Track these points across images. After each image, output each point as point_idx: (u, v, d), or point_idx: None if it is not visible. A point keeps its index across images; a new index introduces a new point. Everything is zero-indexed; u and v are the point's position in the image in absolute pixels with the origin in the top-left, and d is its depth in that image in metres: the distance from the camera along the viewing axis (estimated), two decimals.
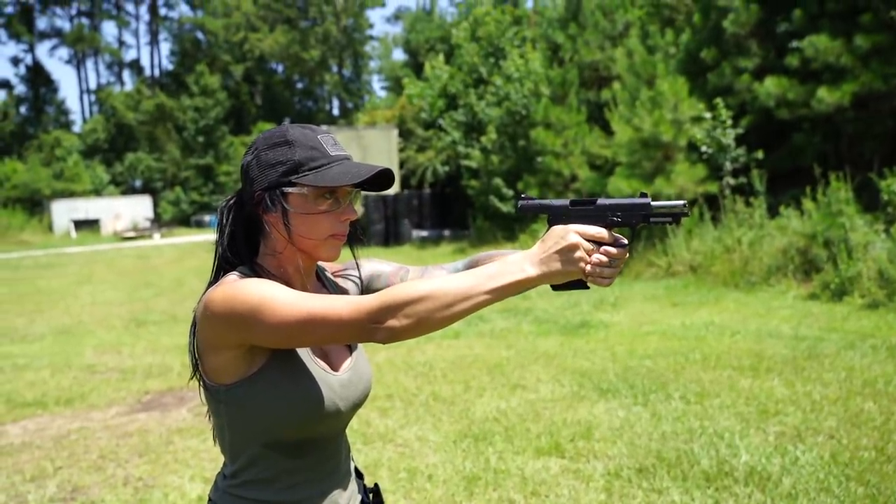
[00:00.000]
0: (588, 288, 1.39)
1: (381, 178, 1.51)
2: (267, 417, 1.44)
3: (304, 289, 1.56)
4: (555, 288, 1.38)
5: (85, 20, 59.85)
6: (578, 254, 1.29)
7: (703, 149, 13.88)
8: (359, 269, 1.76)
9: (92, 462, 5.18)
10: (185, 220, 47.72)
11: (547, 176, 19.22)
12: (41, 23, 58.29)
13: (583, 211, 1.36)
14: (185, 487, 4.63)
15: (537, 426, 5.37)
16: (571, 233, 1.30)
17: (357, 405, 1.59)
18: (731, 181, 13.64)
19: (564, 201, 1.39)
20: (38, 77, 56.93)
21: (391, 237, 24.83)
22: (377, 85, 65.89)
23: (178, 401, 6.72)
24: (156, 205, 46.92)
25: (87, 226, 40.25)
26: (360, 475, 1.75)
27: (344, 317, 1.31)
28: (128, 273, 20.46)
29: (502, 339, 8.70)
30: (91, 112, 58.83)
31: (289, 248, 1.50)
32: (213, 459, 5.10)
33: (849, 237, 10.13)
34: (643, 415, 5.51)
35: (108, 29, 61.59)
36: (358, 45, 62.84)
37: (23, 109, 55.53)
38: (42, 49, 79.86)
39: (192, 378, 1.53)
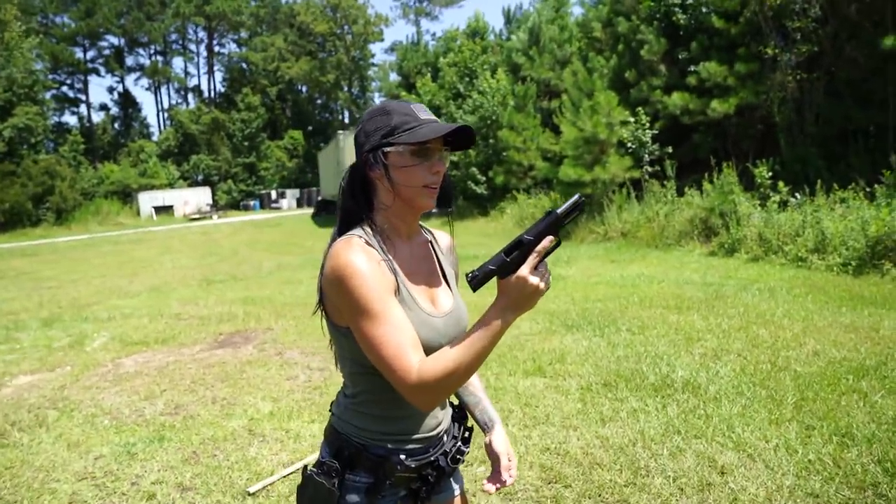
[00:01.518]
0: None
1: (466, 137, 1.39)
2: None
3: (408, 237, 1.46)
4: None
5: (160, 57, 59.33)
6: (541, 287, 1.20)
7: (629, 145, 13.79)
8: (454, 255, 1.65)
9: (187, 386, 5.04)
10: (235, 205, 47.30)
11: (511, 166, 19.18)
12: (129, 60, 58.10)
13: (518, 257, 1.21)
14: (258, 405, 4.50)
15: (523, 353, 5.29)
16: (529, 278, 1.19)
17: None
18: (650, 169, 13.58)
19: (500, 256, 1.22)
20: (126, 100, 56.46)
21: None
22: (378, 99, 65.22)
23: (244, 340, 6.57)
24: (213, 193, 46.39)
25: (164, 211, 39.73)
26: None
27: (397, 369, 1.23)
28: (196, 245, 20.13)
29: (486, 289, 8.58)
30: (165, 125, 58.06)
31: (395, 200, 1.38)
32: (276, 384, 4.97)
33: (737, 210, 10.10)
34: (601, 343, 5.44)
35: (177, 63, 60.68)
36: (363, 71, 62.03)
37: (116, 125, 55.17)
38: (129, 80, 78.72)
39: (314, 313, 1.43)
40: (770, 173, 10.53)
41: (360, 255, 1.27)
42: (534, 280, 1.18)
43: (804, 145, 12.51)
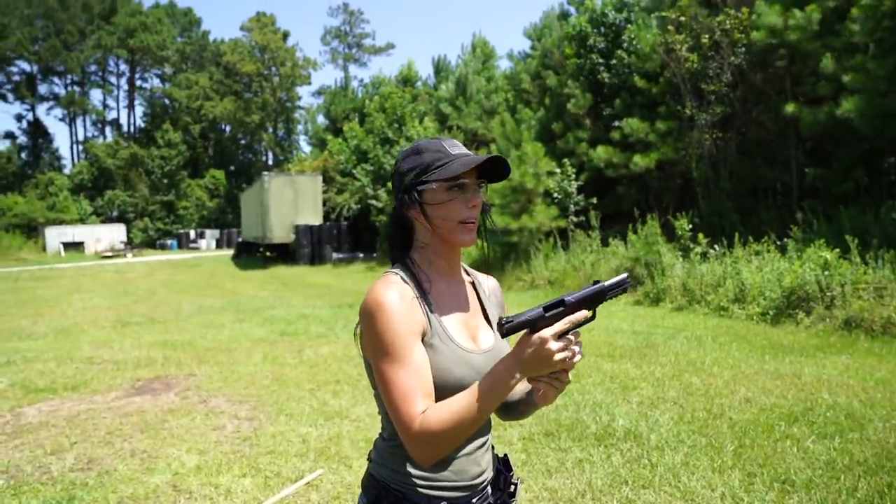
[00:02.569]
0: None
1: (499, 167, 1.40)
2: None
3: (449, 274, 1.44)
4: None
5: (77, 87, 56.88)
6: (557, 357, 1.16)
7: (555, 195, 14.14)
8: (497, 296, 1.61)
9: (101, 437, 4.62)
10: (151, 244, 45.58)
11: None
12: (42, 88, 55.35)
13: (556, 315, 1.18)
14: (183, 458, 4.17)
15: None
16: (548, 343, 1.15)
17: None
18: (575, 219, 13.93)
19: (538, 310, 1.18)
20: (37, 130, 53.58)
21: (316, 258, 24.09)
22: (304, 143, 64.85)
23: (165, 386, 6.15)
24: (128, 231, 44.48)
25: (73, 247, 37.60)
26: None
27: (402, 414, 1.22)
28: (109, 284, 19.02)
29: None
30: (79, 158, 55.46)
31: (434, 238, 1.39)
32: (201, 435, 4.64)
33: (661, 260, 10.44)
34: None
35: (96, 95, 58.29)
36: (289, 113, 61.71)
37: (23, 155, 52.19)
38: (41, 109, 74.93)
39: (359, 352, 1.38)
40: (690, 226, 10.98)
41: (392, 292, 1.28)
42: (552, 346, 1.16)
43: (720, 200, 13.18)
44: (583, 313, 1.18)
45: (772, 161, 12.99)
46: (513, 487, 1.50)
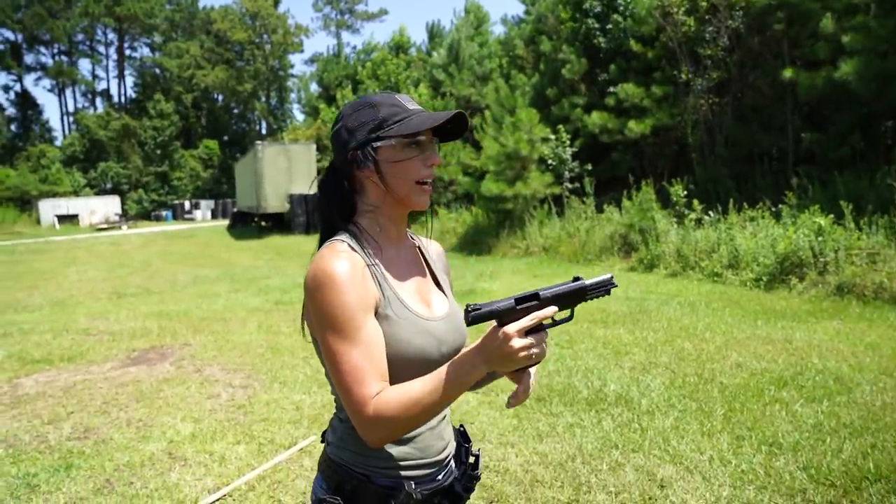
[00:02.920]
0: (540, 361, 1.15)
1: (458, 127, 1.30)
2: None
3: (398, 240, 1.35)
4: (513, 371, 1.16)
5: (65, 58, 55.95)
6: (522, 354, 1.07)
7: (550, 161, 14.06)
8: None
9: (98, 407, 4.65)
10: (146, 215, 45.33)
11: None
12: (28, 58, 54.39)
13: (528, 308, 1.10)
14: (178, 426, 4.21)
15: None
16: (513, 339, 1.06)
17: (458, 349, 1.31)
18: (570, 185, 13.88)
19: (510, 302, 1.11)
20: (25, 102, 52.77)
21: (310, 227, 24.00)
22: (297, 111, 64.26)
23: (160, 356, 6.18)
24: (123, 203, 44.28)
25: (68, 220, 37.45)
26: None
27: (354, 395, 1.13)
28: (104, 256, 18.98)
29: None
30: (70, 130, 54.87)
31: (385, 199, 1.28)
32: (196, 403, 4.68)
33: (656, 226, 10.44)
34: None
35: (84, 65, 57.41)
36: (282, 81, 60.95)
37: (13, 127, 51.50)
38: (29, 79, 73.64)
39: (302, 333, 1.28)
40: (685, 192, 10.96)
41: (342, 262, 1.16)
42: (516, 343, 1.06)
43: (715, 166, 13.14)
44: (551, 309, 1.10)
45: (768, 126, 12.92)
46: (473, 459, 1.44)
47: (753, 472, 3.19)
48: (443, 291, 1.40)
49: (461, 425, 1.50)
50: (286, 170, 24.05)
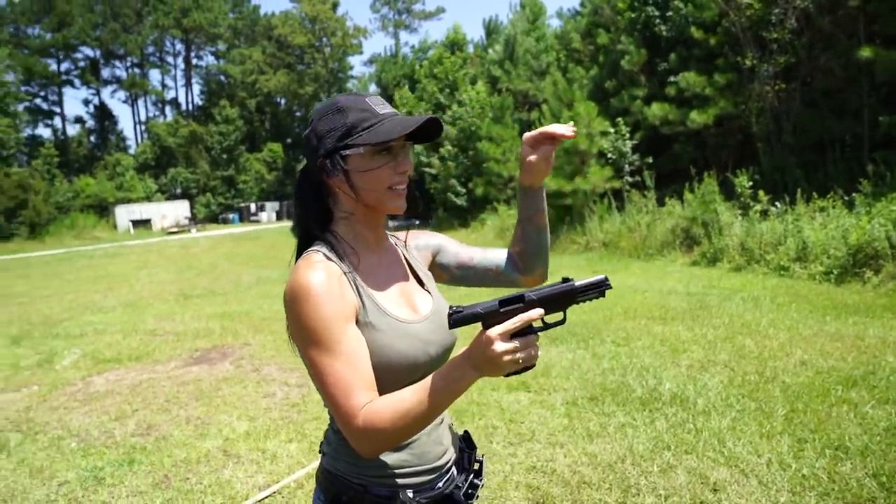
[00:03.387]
0: (534, 366, 1.09)
1: (431, 129, 1.25)
2: None
3: (377, 244, 1.32)
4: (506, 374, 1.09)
5: (137, 69, 58.71)
6: (506, 359, 1.02)
7: (609, 155, 13.80)
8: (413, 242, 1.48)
9: (160, 405, 4.86)
10: (214, 218, 46.99)
11: (491, 177, 19.12)
12: (105, 72, 57.33)
13: (513, 310, 1.05)
14: (234, 424, 4.34)
15: None
16: (495, 343, 1.02)
17: (448, 348, 1.28)
18: (630, 179, 13.60)
19: (493, 304, 1.06)
20: (103, 113, 55.66)
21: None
22: None
23: (221, 356, 6.39)
24: (192, 206, 46.03)
25: (141, 224, 39.26)
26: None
27: (342, 408, 1.10)
28: (174, 259, 19.79)
29: (474, 300, 8.45)
30: (142, 138, 57.47)
31: (358, 207, 1.25)
32: (252, 402, 4.82)
33: (719, 219, 10.10)
34: (586, 356, 5.35)
35: (154, 76, 60.15)
36: (342, 83, 61.97)
37: (92, 138, 54.40)
38: (106, 92, 77.59)
39: (291, 349, 1.25)
40: (750, 183, 10.56)
41: (317, 274, 1.14)
42: (499, 347, 1.02)
43: (782, 155, 12.60)
44: (537, 312, 1.05)
45: (840, 111, 12.29)
46: (478, 465, 1.39)
47: (815, 478, 3.04)
48: (427, 291, 1.37)
49: (465, 431, 1.46)
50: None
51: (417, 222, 24.06)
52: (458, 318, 1.07)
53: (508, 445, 3.67)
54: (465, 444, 1.42)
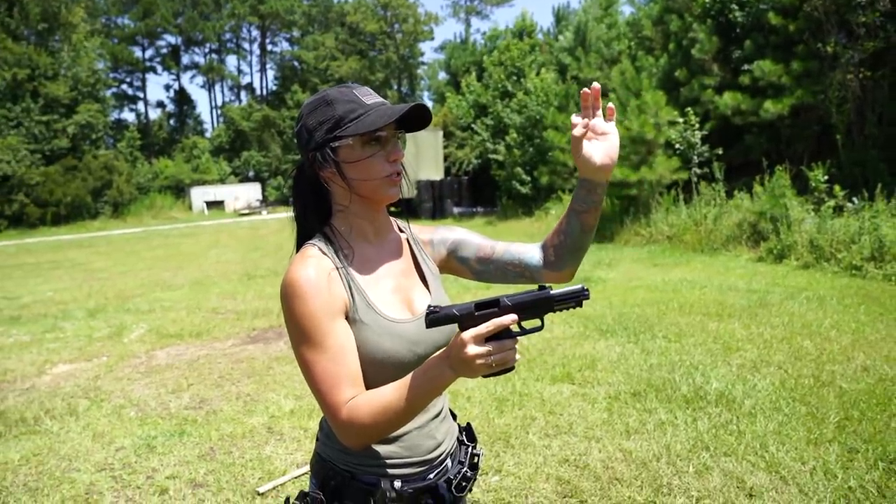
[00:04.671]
0: (512, 369, 1.09)
1: (420, 117, 1.26)
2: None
3: (377, 236, 1.32)
4: (484, 376, 1.10)
5: (214, 55, 60.75)
6: (478, 362, 1.03)
7: (677, 146, 13.39)
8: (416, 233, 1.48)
9: (214, 381, 5.07)
10: (285, 201, 48.03)
11: (556, 166, 18.91)
12: (185, 58, 59.58)
13: (488, 314, 1.07)
14: (280, 402, 4.49)
15: (552, 358, 5.14)
16: (468, 346, 1.04)
17: (442, 346, 1.29)
18: (698, 171, 13.14)
19: (469, 306, 1.07)
20: (182, 98, 57.95)
21: (437, 213, 24.47)
22: (427, 98, 65.63)
23: (277, 335, 6.60)
24: (263, 189, 47.31)
25: (215, 205, 40.66)
26: (453, 416, 1.45)
27: (328, 401, 1.14)
28: (243, 240, 20.48)
29: (479, 287, 8.41)
30: (217, 122, 59.55)
31: (353, 198, 1.25)
32: (301, 382, 4.93)
33: (788, 214, 9.66)
34: (635, 350, 5.25)
35: (231, 61, 62.23)
36: (412, 69, 62.31)
37: (171, 122, 56.73)
38: (185, 77, 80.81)
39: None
40: (826, 177, 10.04)
41: (307, 269, 1.16)
42: (472, 350, 1.04)
43: (864, 147, 11.91)
44: (510, 317, 1.06)
45: None
46: (475, 459, 1.39)
47: (864, 491, 2.90)
48: (427, 285, 1.36)
49: (468, 423, 1.47)
50: (414, 156, 24.63)
51: (481, 210, 24.10)
52: (433, 319, 1.09)
53: (544, 437, 3.66)
54: (466, 437, 1.43)
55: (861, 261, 7.96)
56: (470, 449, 1.41)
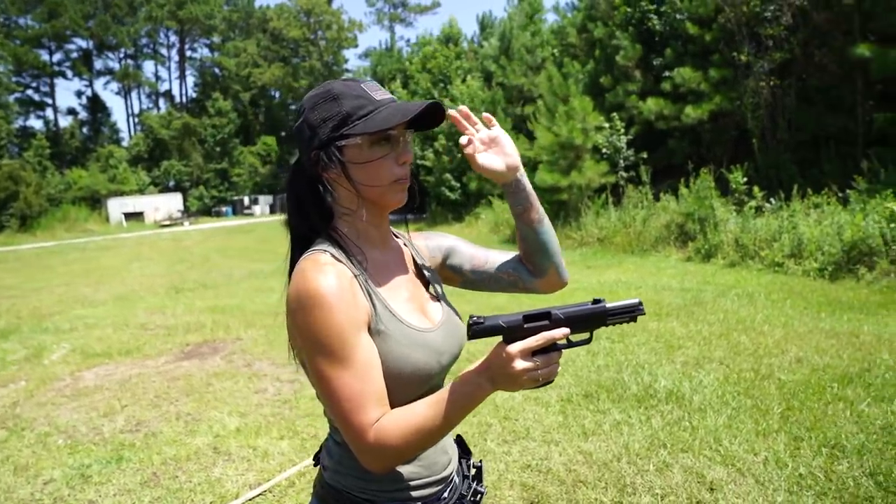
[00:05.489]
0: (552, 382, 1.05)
1: (433, 115, 1.15)
2: None
3: (382, 243, 1.23)
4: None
5: (130, 61, 58.19)
6: (525, 377, 0.98)
7: (604, 150, 13.76)
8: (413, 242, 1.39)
9: (150, 401, 4.79)
10: (207, 211, 46.74)
11: None
12: (98, 63, 56.74)
13: (537, 328, 1.00)
14: (224, 420, 4.28)
15: None
16: (515, 360, 0.98)
17: (457, 356, 1.22)
18: (625, 174, 13.57)
19: (517, 318, 1.00)
20: (95, 105, 55.07)
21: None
22: None
23: (212, 350, 6.32)
24: (185, 199, 45.78)
25: (134, 217, 39.04)
26: None
27: (353, 424, 1.03)
28: (166, 252, 19.65)
29: (462, 295, 8.42)
30: (135, 130, 57.09)
31: (359, 202, 1.15)
32: (244, 398, 4.75)
33: (714, 215, 10.08)
34: (580, 352, 5.29)
35: (148, 67, 59.75)
36: (336, 76, 61.68)
37: (84, 130, 53.87)
38: (98, 84, 76.86)
39: (289, 357, 1.18)
40: (745, 179, 10.54)
41: (328, 278, 1.04)
42: (519, 365, 0.98)
43: (777, 151, 12.59)
44: (562, 331, 1.00)
45: (835, 108, 12.29)
46: (475, 471, 1.33)
47: (813, 477, 3.01)
48: (435, 294, 1.29)
49: (458, 435, 1.39)
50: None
51: (411, 217, 24.04)
52: (479, 330, 1.01)
53: (503, 443, 3.63)
54: (461, 450, 1.35)
55: (782, 258, 8.38)
56: (471, 462, 1.34)
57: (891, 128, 10.95)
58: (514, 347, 0.98)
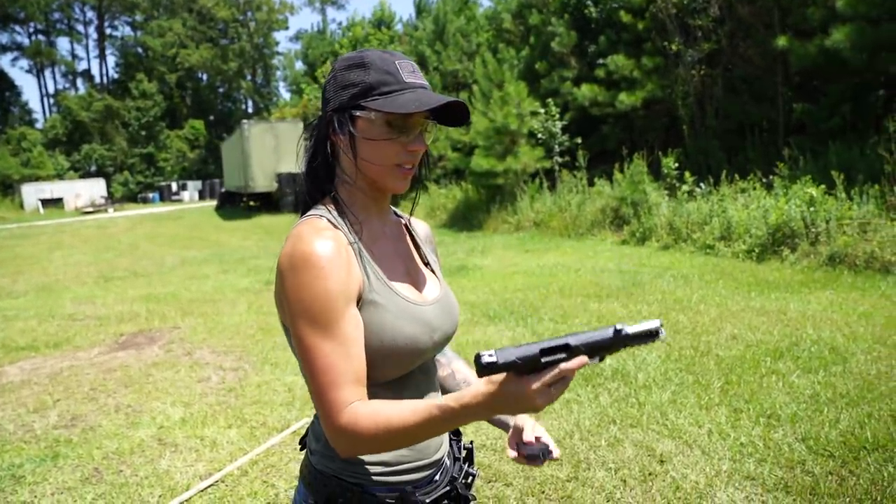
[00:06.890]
0: None
1: (457, 113, 1.12)
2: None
3: (379, 215, 1.19)
4: None
5: (42, 37, 54.72)
6: (542, 404, 0.90)
7: (539, 135, 13.94)
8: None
9: (85, 394, 4.57)
10: (132, 198, 44.90)
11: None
12: (3, 37, 53.12)
13: (556, 360, 0.90)
14: (168, 411, 4.13)
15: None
16: (538, 399, 0.88)
17: (449, 336, 1.19)
18: (560, 160, 13.77)
19: (534, 351, 0.90)
20: (2, 83, 51.62)
21: (300, 206, 23.81)
22: (283, 89, 63.52)
23: (149, 340, 6.09)
24: (108, 185, 43.78)
25: (52, 203, 37.00)
26: None
27: (327, 399, 0.98)
28: (90, 240, 18.73)
29: (456, 282, 8.37)
30: (51, 111, 53.97)
31: (359, 176, 1.12)
32: (186, 387, 4.60)
33: (647, 199, 10.38)
34: (525, 333, 5.38)
35: (63, 44, 56.47)
36: (267, 59, 60.13)
37: None
38: (5, 60, 71.90)
39: (280, 315, 1.11)
40: (676, 164, 10.89)
41: (325, 242, 1.01)
42: (541, 400, 0.90)
43: (706, 138, 13.06)
44: (580, 361, 0.91)
45: (759, 97, 12.83)
46: (465, 452, 1.30)
47: (753, 445, 3.16)
48: (433, 273, 1.27)
49: None
50: (273, 148, 23.69)
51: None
52: (494, 368, 0.91)
53: None
54: (451, 432, 1.31)
55: (713, 240, 8.72)
56: (462, 443, 1.32)
57: (808, 118, 11.53)
58: (536, 386, 0.89)
